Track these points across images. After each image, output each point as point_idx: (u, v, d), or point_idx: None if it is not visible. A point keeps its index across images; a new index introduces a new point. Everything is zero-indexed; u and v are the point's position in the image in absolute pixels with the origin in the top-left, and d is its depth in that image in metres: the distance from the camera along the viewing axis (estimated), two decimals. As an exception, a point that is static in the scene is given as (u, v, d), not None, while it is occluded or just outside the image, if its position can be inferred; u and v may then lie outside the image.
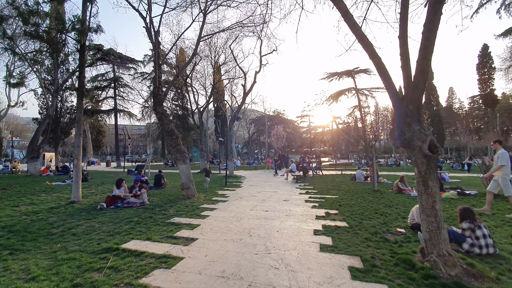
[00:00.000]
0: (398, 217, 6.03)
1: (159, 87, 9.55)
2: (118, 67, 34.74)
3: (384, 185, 12.23)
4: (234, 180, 14.47)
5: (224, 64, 21.36)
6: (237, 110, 16.43)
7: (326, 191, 10.31)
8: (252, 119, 70.02)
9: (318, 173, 18.87)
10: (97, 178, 16.00)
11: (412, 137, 3.37)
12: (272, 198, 8.70)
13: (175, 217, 6.05)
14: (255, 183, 13.42)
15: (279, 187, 11.59)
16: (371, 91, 33.97)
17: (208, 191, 10.34)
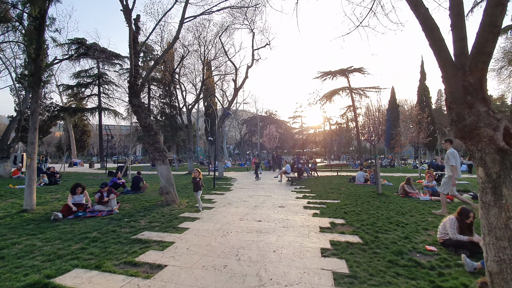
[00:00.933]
0: (419, 228, 4.99)
1: (135, 76, 8.29)
2: (103, 63, 32.99)
3: (386, 188, 11.29)
4: (224, 183, 13.26)
5: (215, 59, 20.17)
6: (227, 106, 15.26)
7: (326, 194, 9.24)
8: (244, 119, 68.84)
9: (313, 174, 17.88)
10: (71, 180, 14.46)
11: (477, 122, 2.28)
12: (265, 204, 7.55)
13: (144, 231, 4.82)
14: (246, 185, 12.25)
15: (273, 190, 10.46)
16: (365, 90, 33.43)
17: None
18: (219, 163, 15.25)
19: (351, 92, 33.10)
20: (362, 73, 32.14)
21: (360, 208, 6.78)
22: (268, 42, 17.63)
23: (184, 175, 18.11)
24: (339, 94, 34.79)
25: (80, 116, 34.84)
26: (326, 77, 34.48)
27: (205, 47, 19.16)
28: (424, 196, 8.60)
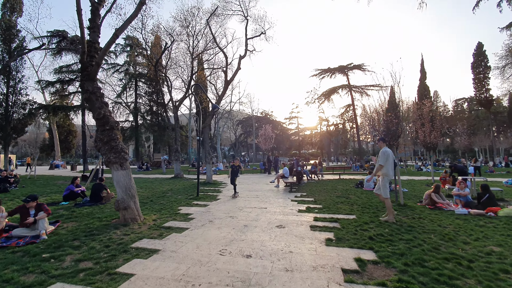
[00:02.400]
0: (496, 270, 3.18)
1: (90, 54, 6.36)
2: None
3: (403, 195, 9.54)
4: (211, 189, 11.35)
5: (205, 51, 18.27)
6: (217, 100, 13.40)
7: (334, 205, 7.40)
8: (239, 120, 67.00)
9: (314, 178, 16.07)
10: (34, 186, 12.36)
11: None
12: (259, 221, 5.67)
13: (57, 284, 2.90)
14: (238, 191, 10.37)
15: (269, 199, 8.59)
16: (365, 89, 31.87)
17: (178, 203, 7.16)
18: (207, 166, 13.33)
19: (350, 90, 31.48)
20: (362, 70, 30.58)
21: (388, 230, 4.95)
22: (263, 31, 15.85)
23: (168, 179, 16.13)
24: (338, 93, 33.15)
25: (64, 115, 32.54)
26: (324, 75, 32.87)
27: (194, 37, 17.28)
28: (459, 209, 6.83)
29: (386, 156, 5.56)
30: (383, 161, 5.54)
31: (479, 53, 35.44)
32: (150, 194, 9.69)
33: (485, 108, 34.69)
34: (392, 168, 5.68)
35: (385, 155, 5.58)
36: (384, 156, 5.57)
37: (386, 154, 5.59)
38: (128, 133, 28.69)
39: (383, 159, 5.55)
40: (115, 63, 29.60)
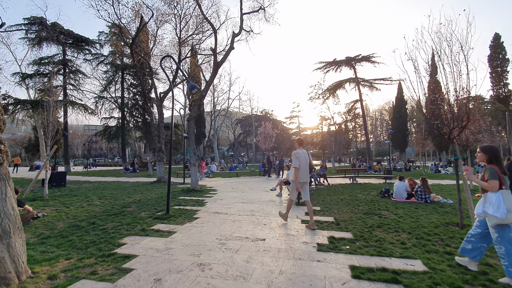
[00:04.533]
0: None
1: None
2: (69, 49, 28.13)
3: (444, 208, 6.91)
4: (193, 199, 8.65)
5: (194, 35, 15.59)
6: (204, 87, 10.74)
7: (371, 234, 4.72)
8: (238, 119, 64.35)
9: (323, 182, 13.41)
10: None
11: None
12: (250, 280, 2.99)
13: None
14: (228, 204, 7.69)
15: (270, 220, 5.91)
16: (374, 83, 29.15)
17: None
18: (192, 168, 10.64)
19: (358, 84, 28.78)
20: (371, 63, 27.83)
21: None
22: (262, 6, 13.18)
23: (149, 184, 13.45)
24: (344, 88, 30.42)
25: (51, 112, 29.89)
26: (329, 68, 30.13)
27: (182, 16, 14.61)
28: None
29: (300, 158, 5.33)
30: (296, 164, 5.29)
31: (496, 44, 32.70)
32: (104, 209, 7.01)
33: (503, 104, 31.98)
34: (305, 170, 5.37)
35: (297, 157, 5.33)
36: (297, 158, 5.33)
37: (299, 156, 5.34)
38: (113, 131, 25.96)
39: (296, 162, 5.30)
40: (99, 53, 26.91)
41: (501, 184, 2.90)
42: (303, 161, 5.36)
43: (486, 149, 3.15)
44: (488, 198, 2.98)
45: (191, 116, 10.72)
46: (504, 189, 2.92)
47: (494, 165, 3.01)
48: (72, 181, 15.59)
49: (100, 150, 71.51)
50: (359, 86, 28.72)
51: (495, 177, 2.91)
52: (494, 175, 2.92)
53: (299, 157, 5.34)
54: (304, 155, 5.46)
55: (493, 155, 3.08)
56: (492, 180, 2.94)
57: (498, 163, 3.02)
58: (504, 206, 2.82)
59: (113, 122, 27.12)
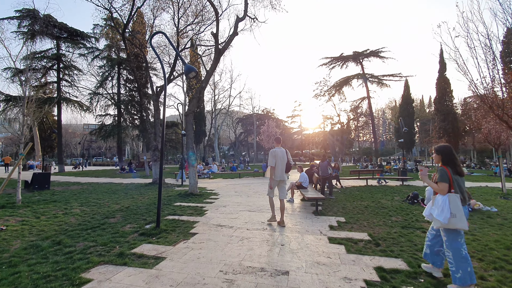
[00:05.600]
0: None
1: None
2: (64, 43, 26.86)
3: (501, 219, 5.66)
4: (191, 206, 7.37)
5: (193, 24, 14.33)
6: (205, 77, 9.47)
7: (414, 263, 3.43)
8: (239, 118, 63.05)
9: (336, 185, 12.13)
10: None
11: None
12: None
13: None
14: (233, 212, 6.43)
15: (287, 234, 4.64)
16: (383, 79, 27.80)
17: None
18: (191, 169, 9.37)
19: (365, 80, 27.44)
20: (380, 58, 26.49)
21: None
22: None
23: (143, 186, 12.20)
24: (351, 85, 29.09)
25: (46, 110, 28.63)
26: (335, 64, 28.80)
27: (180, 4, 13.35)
28: None
29: (276, 157, 5.32)
30: (273, 162, 5.31)
31: (509, 40, 31.39)
32: (81, 220, 5.74)
33: (516, 102, 30.67)
34: (282, 169, 5.37)
35: (273, 155, 5.33)
36: (273, 156, 5.32)
37: (276, 154, 5.33)
38: (109, 128, 24.69)
39: (272, 160, 5.30)
40: (94, 47, 25.62)
41: (450, 187, 2.79)
42: (280, 159, 5.34)
43: (439, 150, 3.01)
44: (436, 201, 2.89)
45: (190, 110, 9.45)
46: (452, 193, 2.78)
47: (446, 166, 2.87)
48: (61, 182, 14.36)
49: (98, 149, 70.30)
50: (366, 83, 27.39)
51: (445, 180, 2.80)
52: (444, 178, 2.80)
53: (276, 155, 5.33)
54: (282, 153, 5.42)
55: (446, 155, 2.94)
56: (441, 182, 2.82)
57: (451, 164, 2.88)
58: (449, 210, 2.72)
59: (109, 120, 25.88)
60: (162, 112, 5.39)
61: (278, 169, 5.35)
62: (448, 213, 2.72)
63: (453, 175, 2.83)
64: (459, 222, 2.69)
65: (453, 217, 2.70)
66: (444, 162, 2.96)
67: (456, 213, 2.70)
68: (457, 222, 2.70)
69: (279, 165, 5.36)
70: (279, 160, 5.34)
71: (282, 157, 5.39)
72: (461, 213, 2.70)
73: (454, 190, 2.80)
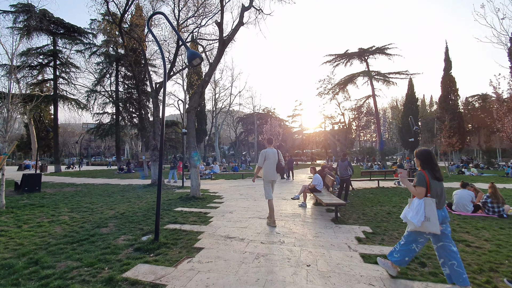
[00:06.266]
0: None
1: None
2: (61, 39, 26.05)
3: None
4: (194, 213, 6.63)
5: (194, 17, 13.57)
6: (208, 71, 8.73)
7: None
8: (239, 117, 62.27)
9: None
10: None
11: None
12: None
13: None
14: (241, 220, 5.69)
15: (310, 250, 3.90)
16: (388, 77, 27.05)
17: None
18: (192, 171, 8.63)
19: (371, 78, 26.70)
20: (386, 55, 25.74)
21: None
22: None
23: (141, 188, 11.45)
24: (355, 83, 28.34)
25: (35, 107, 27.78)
26: (339, 62, 28.04)
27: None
28: None
29: (267, 157, 5.39)
30: (262, 162, 5.40)
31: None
32: (68, 231, 5.00)
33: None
34: (272, 169, 5.42)
35: (263, 155, 5.42)
36: (262, 156, 5.41)
37: (267, 155, 5.41)
38: (106, 127, 23.91)
39: (261, 160, 5.42)
40: (92, 43, 24.80)
41: (427, 192, 2.82)
42: (271, 159, 5.40)
43: (418, 154, 3.04)
44: (412, 203, 2.93)
45: (192, 107, 8.70)
46: (428, 197, 2.81)
47: (425, 171, 2.90)
48: (55, 184, 13.61)
49: (96, 149, 69.49)
50: (372, 81, 26.65)
51: (422, 184, 2.83)
52: (421, 182, 2.85)
53: (266, 155, 5.40)
54: (273, 154, 5.47)
55: (424, 159, 2.96)
56: (419, 186, 2.87)
57: (430, 169, 2.90)
58: (423, 214, 2.77)
59: (107, 119, 25.07)
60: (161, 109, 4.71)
61: (269, 169, 5.40)
62: (422, 216, 2.77)
63: (431, 180, 2.85)
64: (431, 226, 2.73)
65: (427, 221, 2.76)
66: (423, 166, 2.96)
67: (430, 217, 2.74)
68: (429, 226, 2.74)
69: (270, 165, 5.41)
70: (270, 161, 5.40)
71: (273, 157, 5.43)
72: (434, 218, 2.73)
73: (431, 195, 2.82)
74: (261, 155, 5.46)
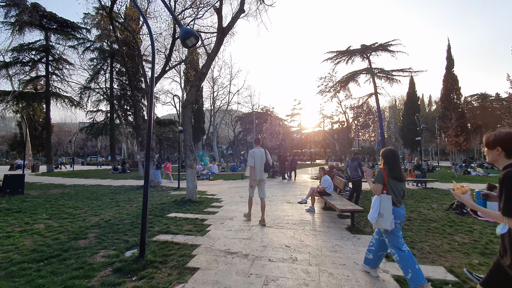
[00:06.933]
0: None
1: None
2: (54, 34, 25.12)
3: None
4: (189, 218, 5.86)
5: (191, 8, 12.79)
6: (206, 63, 7.97)
7: None
8: (238, 116, 61.47)
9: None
10: None
11: None
12: None
13: None
14: (243, 228, 4.94)
15: (330, 269, 3.16)
16: (392, 75, 26.37)
17: None
18: (188, 171, 7.88)
19: (373, 76, 26.02)
20: (389, 52, 25.06)
21: None
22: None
23: (133, 190, 10.66)
24: (356, 81, 27.64)
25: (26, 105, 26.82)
26: (340, 59, 27.34)
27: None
28: None
29: (255, 157, 5.48)
30: (252, 162, 5.49)
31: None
32: (39, 244, 4.22)
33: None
34: (260, 168, 5.51)
35: (252, 155, 5.50)
36: (252, 156, 5.50)
37: (254, 155, 5.49)
38: (100, 125, 23.05)
39: (252, 159, 5.49)
40: (85, 38, 23.88)
41: (383, 188, 2.84)
42: (259, 159, 5.48)
43: (383, 153, 3.02)
44: (372, 201, 2.95)
45: (188, 101, 7.93)
46: (384, 194, 2.82)
47: (384, 169, 2.91)
48: (42, 185, 12.79)
49: (92, 148, 68.42)
50: (374, 78, 25.97)
51: (379, 181, 2.87)
52: (378, 179, 2.87)
53: (254, 155, 5.48)
54: (261, 153, 5.56)
55: (386, 158, 2.96)
56: (376, 183, 2.90)
57: (389, 168, 2.90)
58: (378, 210, 2.78)
59: (101, 116, 24.20)
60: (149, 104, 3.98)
61: (257, 168, 5.50)
62: (377, 213, 2.78)
63: (389, 178, 2.86)
64: (384, 222, 2.74)
65: (381, 217, 2.77)
66: (384, 165, 2.97)
67: (384, 214, 2.75)
68: (382, 222, 2.75)
69: (258, 165, 5.51)
70: (258, 160, 5.49)
71: (261, 157, 5.53)
72: (388, 214, 2.74)
73: (387, 192, 2.84)
74: (249, 155, 5.52)
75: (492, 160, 1.70)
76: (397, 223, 2.79)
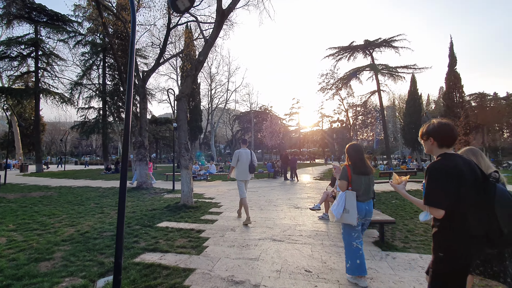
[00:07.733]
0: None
1: None
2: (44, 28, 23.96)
3: None
4: (183, 229, 4.94)
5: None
6: (204, 50, 7.05)
7: None
8: (236, 115, 60.51)
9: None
10: None
11: None
12: None
13: None
14: (249, 243, 4.05)
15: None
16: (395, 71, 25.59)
17: None
18: (183, 172, 6.96)
19: (376, 73, 25.23)
20: (393, 48, 24.27)
21: None
22: None
23: (126, 192, 9.70)
24: (359, 78, 26.84)
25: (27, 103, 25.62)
26: (342, 55, 26.51)
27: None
28: None
29: (240, 157, 5.45)
30: (235, 162, 5.48)
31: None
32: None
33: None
34: (245, 169, 5.44)
35: (236, 156, 5.48)
36: (235, 156, 5.49)
37: (240, 155, 5.46)
38: (92, 123, 21.98)
39: (234, 160, 5.50)
40: (76, 31, 22.73)
41: (348, 185, 2.87)
42: (244, 159, 5.41)
43: (347, 149, 3.06)
44: (337, 196, 2.97)
45: (183, 93, 7.01)
46: (349, 190, 2.86)
47: (348, 165, 2.94)
48: (25, 186, 11.81)
49: (87, 147, 67.06)
50: (377, 75, 25.18)
51: (343, 178, 2.90)
52: (342, 176, 2.91)
53: (239, 156, 5.44)
54: (246, 154, 5.49)
55: (349, 154, 3.00)
56: (341, 180, 2.94)
57: (352, 164, 2.93)
58: (343, 206, 2.81)
59: (93, 114, 23.12)
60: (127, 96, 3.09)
61: (241, 169, 5.40)
62: (342, 208, 2.80)
63: (353, 174, 2.88)
64: (349, 218, 2.78)
65: (346, 213, 2.80)
66: (348, 161, 2.99)
67: (349, 209, 2.78)
68: (347, 217, 2.79)
69: (243, 166, 5.41)
70: (243, 161, 5.41)
71: (246, 158, 5.43)
72: (353, 210, 2.77)
73: (352, 188, 2.85)
74: (234, 155, 5.46)
75: (428, 150, 1.75)
76: (359, 218, 2.82)
